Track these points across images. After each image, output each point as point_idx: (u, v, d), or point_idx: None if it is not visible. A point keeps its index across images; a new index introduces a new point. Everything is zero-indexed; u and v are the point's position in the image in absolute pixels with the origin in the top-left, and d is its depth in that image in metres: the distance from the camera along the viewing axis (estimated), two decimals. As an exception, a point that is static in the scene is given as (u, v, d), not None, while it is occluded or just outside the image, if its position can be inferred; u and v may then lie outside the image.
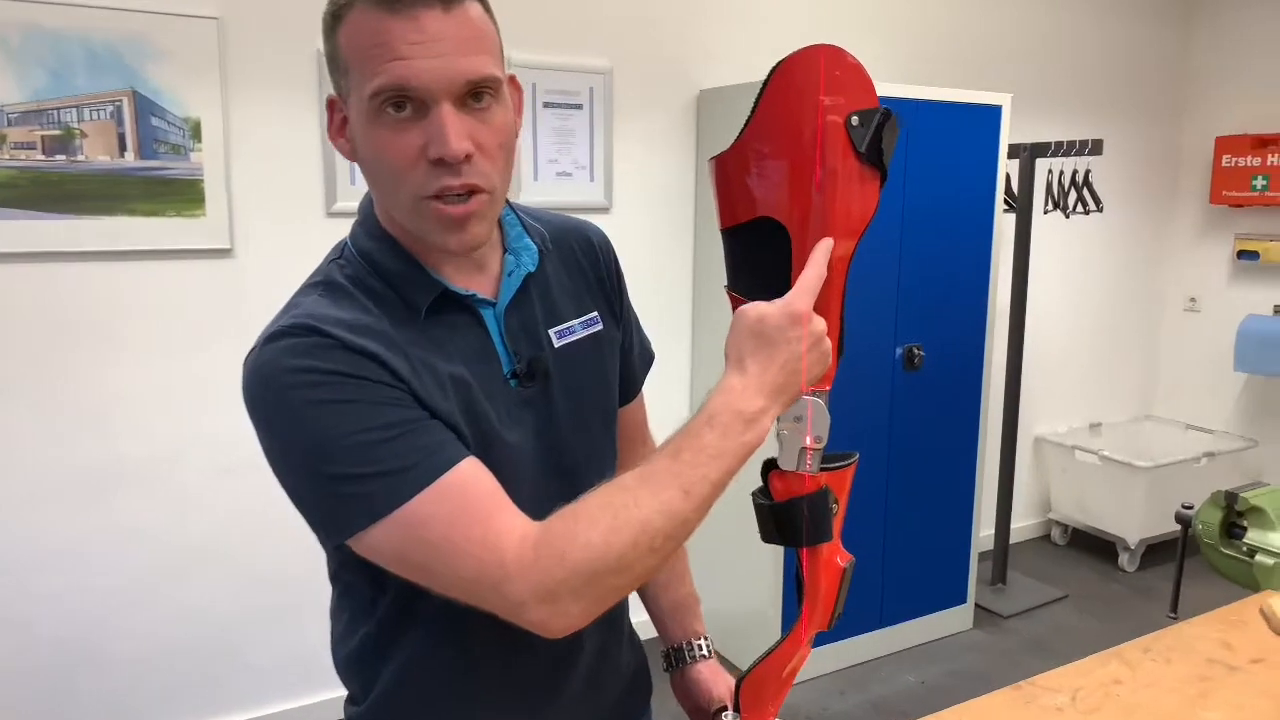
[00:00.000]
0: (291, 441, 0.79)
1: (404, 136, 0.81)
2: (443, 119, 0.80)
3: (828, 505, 0.98)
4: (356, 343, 0.81)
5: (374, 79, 0.79)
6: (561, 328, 1.01)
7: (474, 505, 0.79)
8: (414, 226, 0.87)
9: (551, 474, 0.99)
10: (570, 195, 2.84)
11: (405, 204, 0.84)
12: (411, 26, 0.79)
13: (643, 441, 1.23)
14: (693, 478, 0.80)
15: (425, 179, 0.82)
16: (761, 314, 0.85)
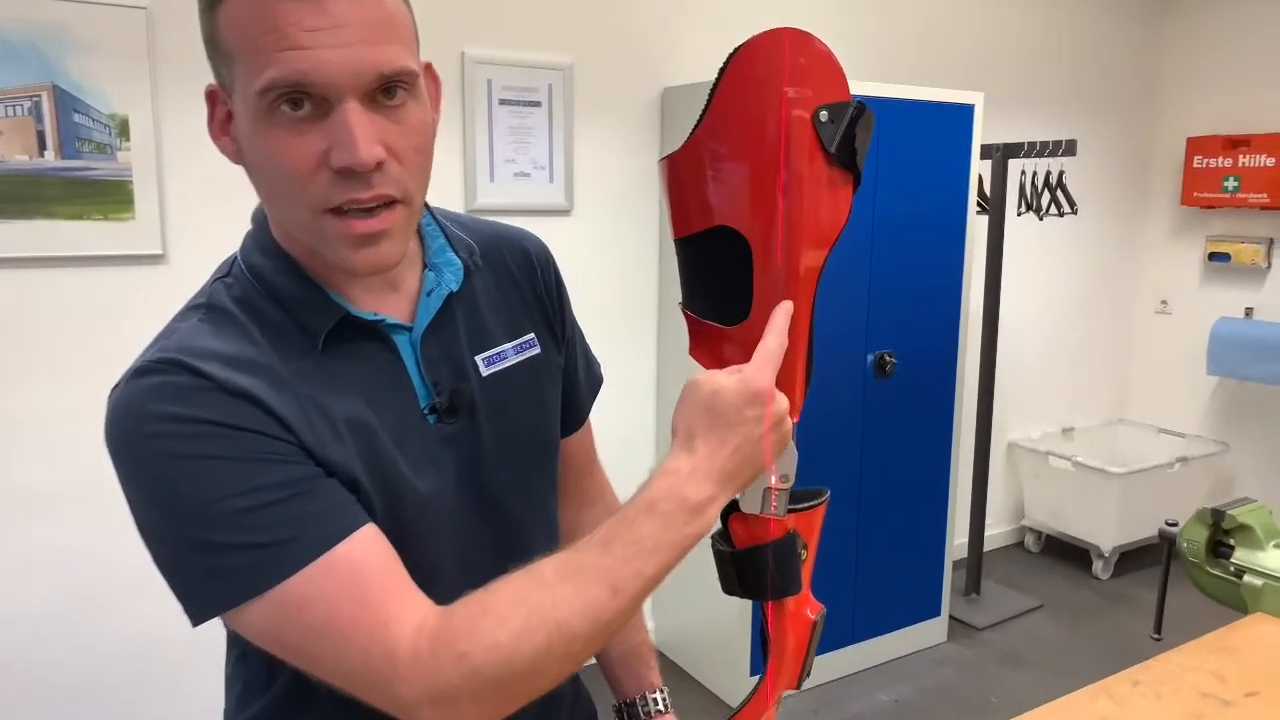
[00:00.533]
0: (154, 500, 0.67)
1: (302, 140, 0.68)
2: (348, 120, 0.68)
3: (795, 552, 0.87)
4: (236, 383, 0.68)
5: (265, 71, 0.66)
6: (491, 353, 0.89)
7: (365, 586, 0.66)
8: (314, 243, 0.74)
9: (480, 520, 0.87)
10: (528, 197, 2.71)
11: (303, 218, 0.72)
12: (311, 8, 0.66)
13: (589, 474, 1.11)
14: (624, 574, 0.69)
15: (328, 190, 0.69)
16: (717, 388, 0.75)
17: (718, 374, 0.76)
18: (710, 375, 0.76)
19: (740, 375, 0.75)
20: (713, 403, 0.74)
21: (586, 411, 1.08)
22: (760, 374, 0.75)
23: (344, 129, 0.68)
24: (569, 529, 1.10)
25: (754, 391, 0.74)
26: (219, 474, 0.65)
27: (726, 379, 0.75)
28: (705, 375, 0.77)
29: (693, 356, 0.89)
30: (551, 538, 0.98)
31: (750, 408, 0.74)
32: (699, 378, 0.77)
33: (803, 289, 0.82)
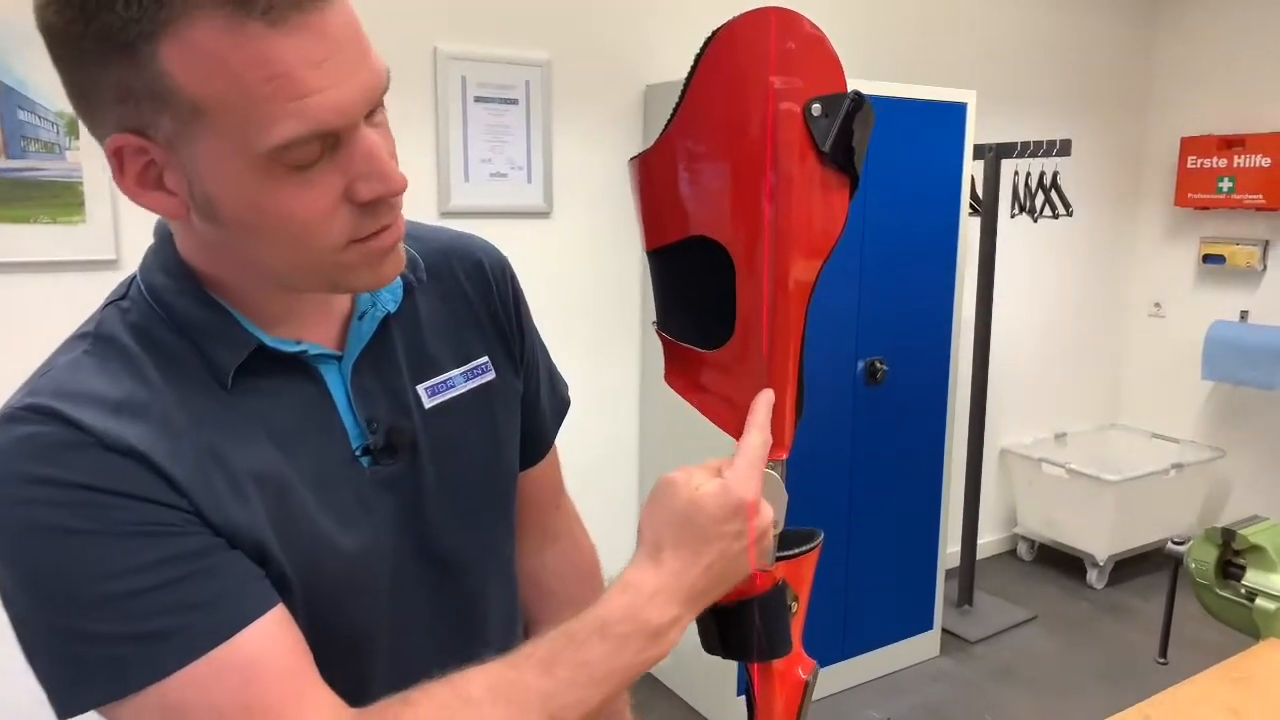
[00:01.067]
0: (16, 577, 0.56)
1: (313, 185, 0.58)
2: (372, 151, 0.59)
3: (785, 606, 0.77)
4: (119, 437, 0.57)
5: (275, 128, 0.54)
6: (435, 381, 0.78)
7: (260, 690, 0.56)
8: (323, 279, 0.64)
9: (424, 573, 0.76)
10: (505, 198, 2.60)
11: (319, 259, 0.62)
12: (313, 39, 0.55)
13: (554, 506, 1.01)
14: (565, 701, 0.60)
15: (355, 224, 0.61)
16: (694, 499, 0.65)
17: (696, 476, 0.67)
18: (687, 478, 0.67)
19: (721, 484, 0.66)
20: (688, 513, 0.65)
21: (551, 439, 0.97)
22: (744, 482, 0.66)
23: (369, 160, 0.60)
24: (531, 571, 0.99)
25: (736, 503, 0.65)
26: (94, 552, 0.54)
27: (706, 485, 0.66)
28: (682, 477, 0.67)
29: (668, 383, 0.79)
30: (507, 589, 0.87)
31: (730, 521, 0.65)
32: (674, 478, 0.67)
33: (793, 307, 0.72)
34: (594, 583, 1.02)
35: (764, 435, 0.69)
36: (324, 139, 0.57)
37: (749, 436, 0.69)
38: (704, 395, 0.76)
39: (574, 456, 3.00)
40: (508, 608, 0.87)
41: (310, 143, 0.56)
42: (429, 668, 0.65)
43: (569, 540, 1.02)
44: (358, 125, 0.58)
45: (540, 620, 1.00)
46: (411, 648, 0.76)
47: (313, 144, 0.56)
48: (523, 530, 0.98)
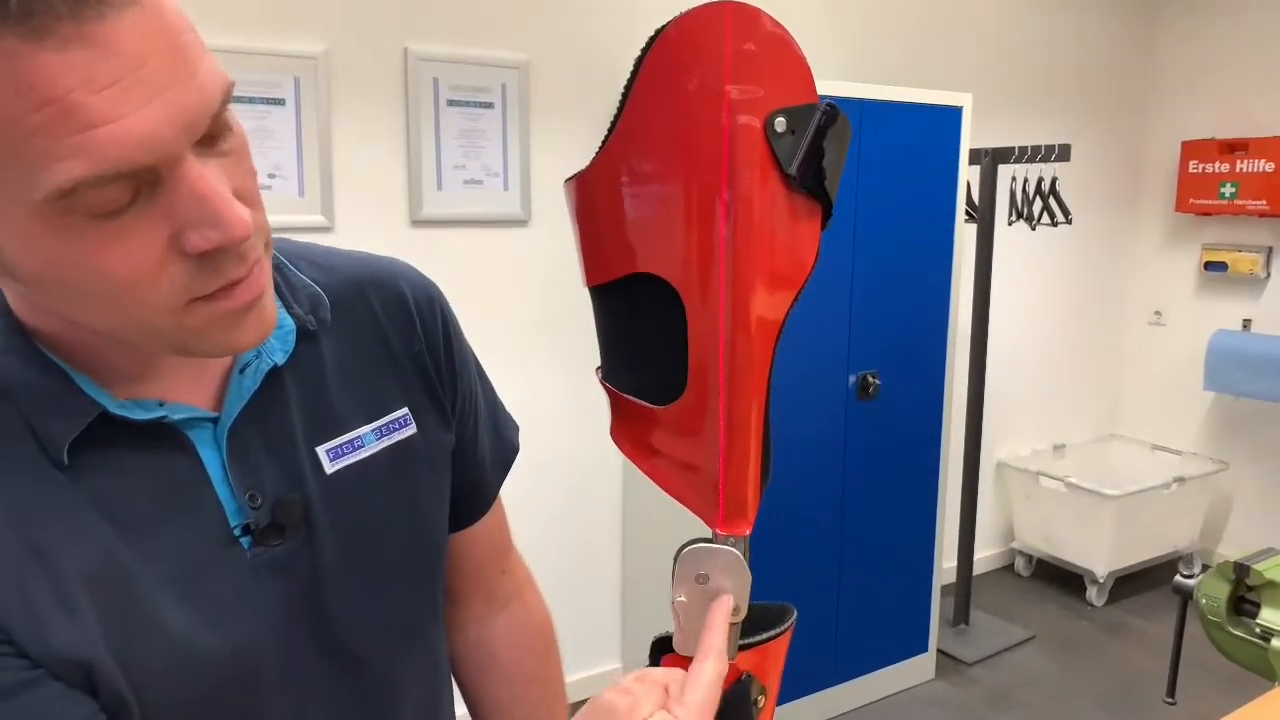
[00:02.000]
0: None
1: (128, 237, 0.47)
2: (200, 190, 0.47)
3: (748, 705, 0.65)
4: None
5: (55, 168, 0.43)
6: (339, 442, 0.67)
7: None
8: (162, 343, 0.52)
9: (321, 668, 0.65)
10: (481, 206, 2.49)
11: (153, 323, 0.50)
12: (97, 56, 0.43)
13: (500, 569, 0.89)
14: None
15: (189, 281, 0.49)
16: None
17: (642, 705, 0.55)
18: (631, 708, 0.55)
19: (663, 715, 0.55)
20: None
21: (493, 493, 0.86)
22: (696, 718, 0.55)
23: (199, 204, 0.47)
24: (476, 641, 0.88)
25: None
26: None
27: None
28: (623, 705, 0.55)
29: (614, 440, 0.68)
30: (429, 673, 0.76)
31: None
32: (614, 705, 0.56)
33: (755, 354, 0.60)
34: (545, 652, 0.91)
35: (720, 664, 0.58)
36: (133, 179, 0.45)
37: (702, 665, 0.58)
38: (654, 459, 0.65)
39: (555, 478, 2.90)
40: (429, 693, 0.75)
41: (109, 184, 0.44)
42: None
43: (519, 606, 0.90)
44: (181, 159, 0.46)
45: (487, 692, 0.89)
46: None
47: (115, 186, 0.44)
48: (465, 596, 0.87)
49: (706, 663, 0.58)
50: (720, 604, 0.62)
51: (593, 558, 2.88)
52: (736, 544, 0.63)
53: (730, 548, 0.63)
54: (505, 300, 2.56)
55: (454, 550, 0.83)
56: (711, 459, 0.62)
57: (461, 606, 0.88)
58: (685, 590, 0.64)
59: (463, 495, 0.80)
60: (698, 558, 0.63)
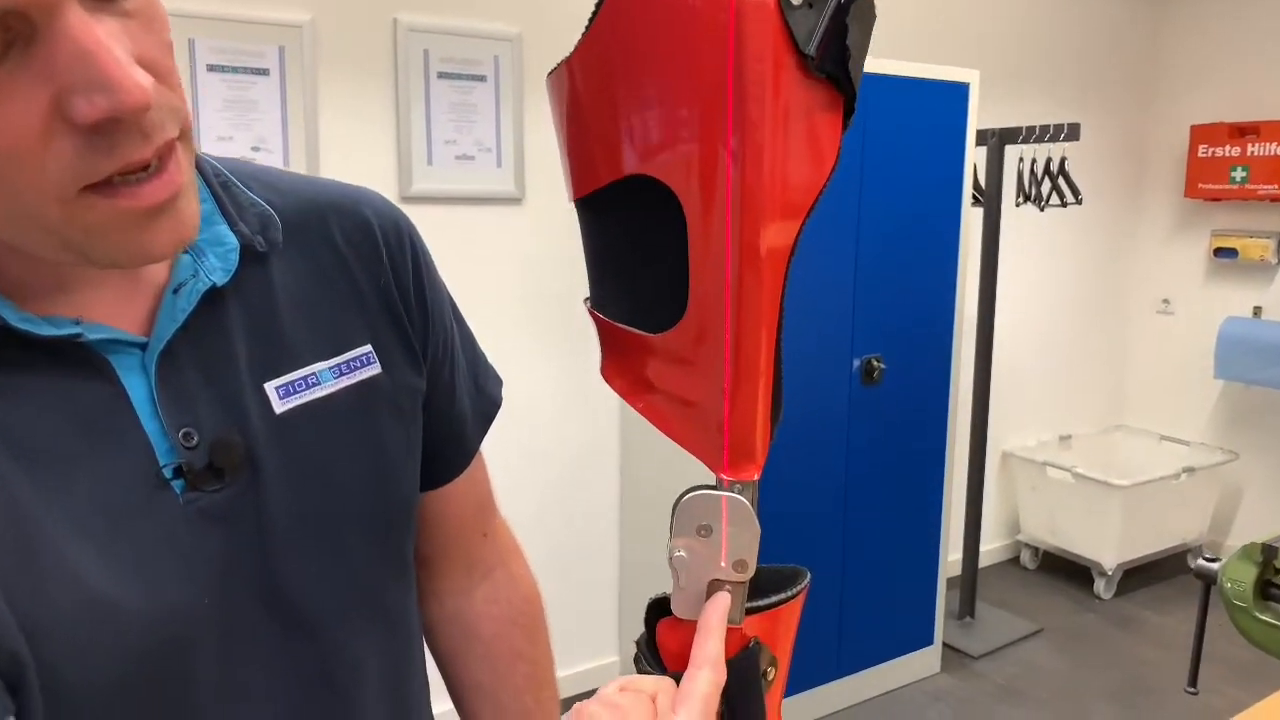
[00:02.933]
0: None
1: (2, 101, 0.40)
2: (82, 45, 0.40)
3: (757, 675, 0.58)
4: None
5: None
6: (292, 378, 0.59)
7: None
8: (57, 243, 0.44)
9: (267, 632, 0.57)
10: (473, 183, 2.41)
11: (42, 215, 0.42)
12: None
13: (482, 533, 0.81)
14: None
15: (79, 161, 0.41)
16: None
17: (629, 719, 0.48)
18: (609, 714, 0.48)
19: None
20: None
21: (472, 449, 0.78)
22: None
23: (81, 60, 0.40)
24: (455, 614, 0.80)
25: None
26: None
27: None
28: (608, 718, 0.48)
29: (606, 380, 0.60)
30: (395, 645, 0.68)
31: None
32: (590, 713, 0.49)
33: (765, 276, 0.53)
34: (532, 629, 0.83)
35: (717, 674, 0.51)
36: (2, 27, 0.38)
37: (696, 677, 0.51)
38: (650, 396, 0.57)
39: (549, 464, 2.82)
40: (395, 669, 0.67)
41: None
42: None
43: (503, 576, 0.82)
44: (59, 6, 0.39)
45: (467, 673, 0.81)
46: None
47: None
48: (442, 564, 0.79)
49: (701, 674, 0.51)
50: (716, 603, 0.55)
51: (589, 548, 2.80)
52: (744, 490, 0.55)
53: (736, 495, 0.55)
54: (498, 280, 2.48)
55: (429, 512, 0.75)
56: (715, 393, 0.54)
57: (438, 576, 0.80)
58: (685, 544, 0.56)
59: (438, 450, 0.73)
60: (699, 506, 0.55)
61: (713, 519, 0.55)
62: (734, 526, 0.55)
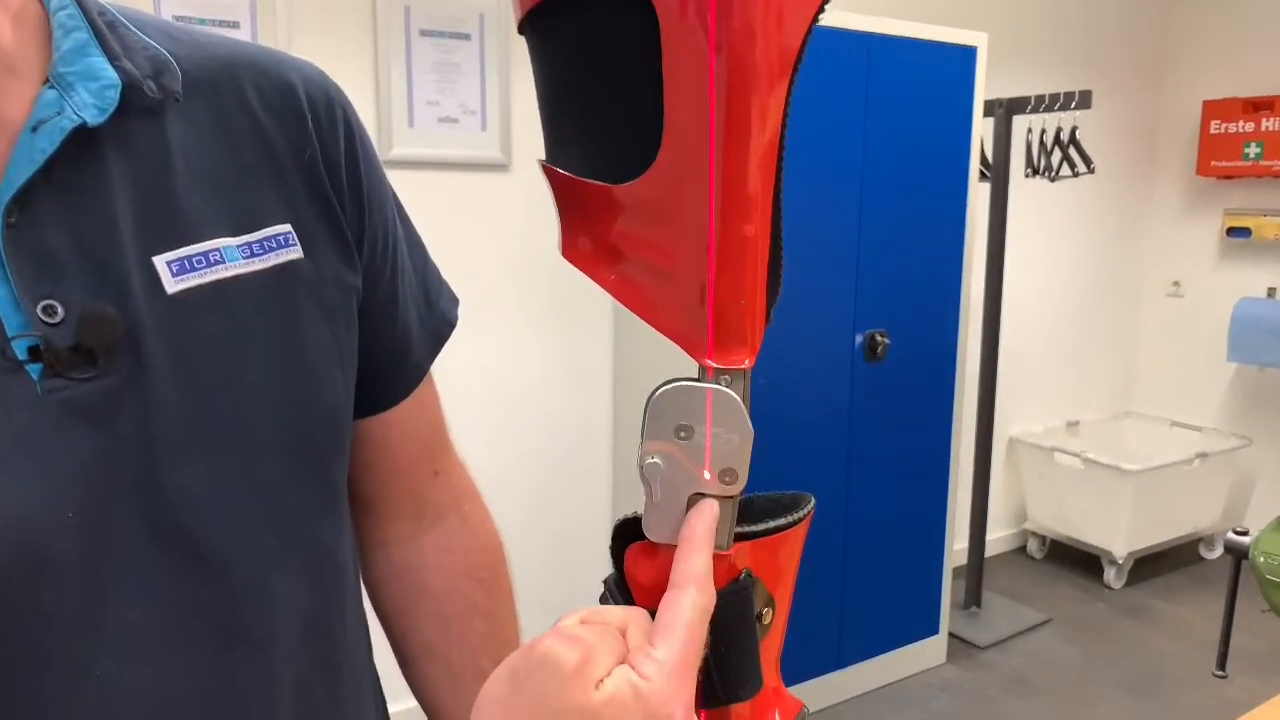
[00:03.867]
0: None
1: None
2: None
3: (750, 614, 0.46)
4: None
5: None
6: (189, 252, 0.49)
7: None
8: None
9: (150, 560, 0.46)
10: (456, 147, 2.29)
11: None
12: None
13: (432, 471, 0.70)
14: None
15: None
16: (589, 709, 0.36)
17: (596, 660, 0.37)
18: (581, 665, 0.37)
19: (632, 688, 0.37)
20: None
21: (420, 370, 0.66)
22: (669, 683, 0.38)
23: None
24: (402, 564, 0.69)
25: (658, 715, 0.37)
26: None
27: (611, 685, 0.37)
28: (571, 658, 0.37)
29: (567, 257, 0.49)
30: (326, 606, 0.57)
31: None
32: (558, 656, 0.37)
33: (762, 93, 0.41)
34: (491, 581, 0.72)
35: (703, 595, 0.40)
36: None
37: (678, 600, 0.40)
38: (619, 265, 0.46)
39: (537, 446, 2.70)
40: (320, 619, 0.56)
41: None
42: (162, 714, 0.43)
43: (456, 522, 0.71)
44: None
45: (416, 632, 0.70)
46: (126, 684, 0.46)
47: None
48: (386, 507, 0.68)
49: (684, 596, 0.40)
50: (701, 512, 0.43)
51: (581, 535, 2.68)
52: (733, 382, 0.44)
53: (723, 388, 0.44)
54: (484, 252, 2.37)
55: (370, 442, 0.64)
56: (697, 254, 0.43)
57: (383, 521, 0.69)
58: (660, 448, 0.45)
59: (379, 367, 0.62)
60: (677, 402, 0.44)
61: (694, 418, 0.44)
62: (720, 427, 0.44)
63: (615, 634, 0.39)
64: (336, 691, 0.57)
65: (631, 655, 0.38)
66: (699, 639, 0.40)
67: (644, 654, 0.38)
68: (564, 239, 0.48)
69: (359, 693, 0.61)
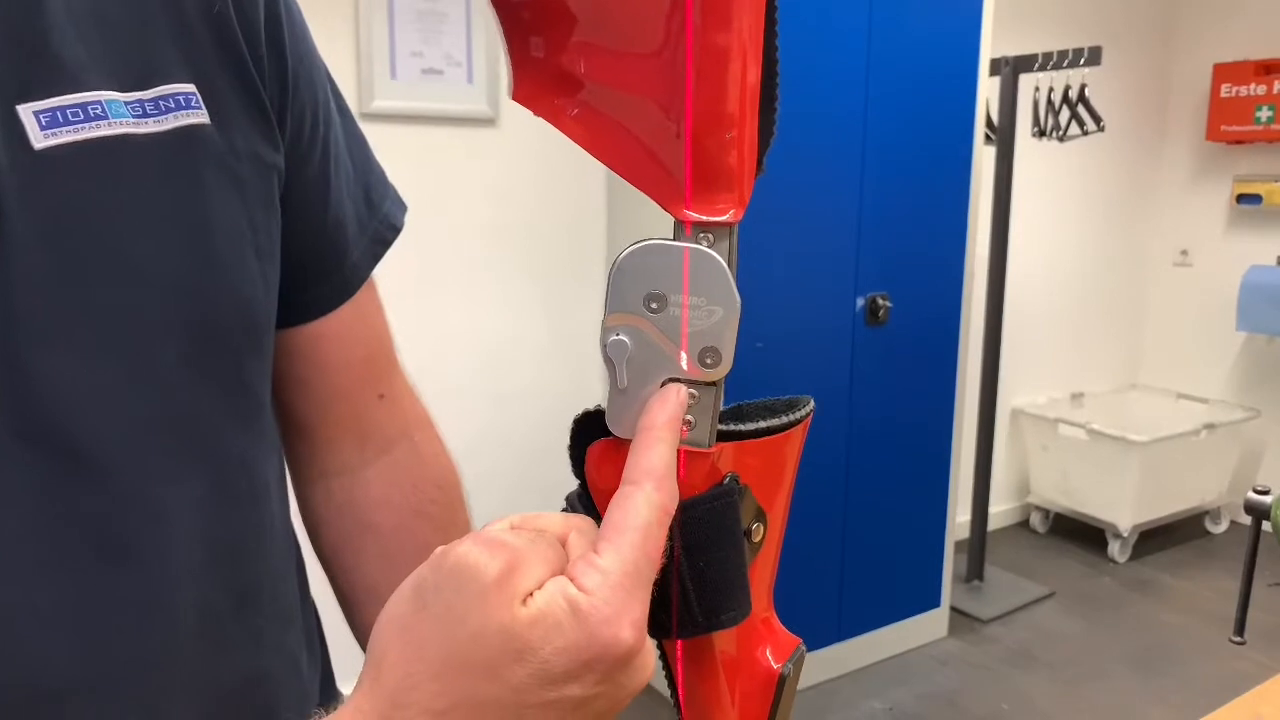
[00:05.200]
0: None
1: None
2: None
3: (735, 526, 0.38)
4: None
5: None
6: (62, 103, 0.41)
7: None
8: None
9: (13, 461, 0.39)
10: (441, 100, 2.20)
11: None
12: None
13: (374, 394, 0.61)
14: None
15: None
16: (512, 631, 0.29)
17: (524, 571, 0.30)
18: (504, 579, 0.30)
19: (569, 607, 0.30)
20: (492, 661, 0.29)
21: (357, 274, 0.58)
22: (615, 592, 0.30)
23: None
24: (340, 499, 0.61)
25: (597, 652, 0.30)
26: None
27: (540, 601, 0.30)
28: (493, 569, 0.30)
29: (517, 99, 0.41)
30: (237, 527, 0.49)
31: (578, 680, 0.30)
32: (477, 566, 0.30)
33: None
34: (447, 519, 0.64)
35: (662, 491, 0.32)
36: None
37: (630, 494, 0.32)
38: (579, 96, 0.38)
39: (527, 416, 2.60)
40: (230, 540, 0.49)
41: None
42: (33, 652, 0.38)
43: (406, 451, 0.63)
44: None
45: (360, 574, 0.62)
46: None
47: None
48: (326, 433, 0.60)
49: (638, 494, 0.32)
50: (665, 398, 0.35)
51: (573, 504, 2.60)
52: (716, 241, 0.36)
53: (704, 247, 0.35)
54: (468, 210, 2.28)
55: (301, 355, 0.56)
56: (671, 79, 0.34)
57: (321, 447, 0.60)
58: (626, 322, 0.36)
59: (309, 268, 0.54)
60: (648, 265, 0.36)
61: (668, 285, 0.36)
62: (699, 296, 0.36)
63: (551, 541, 0.32)
64: (252, 623, 0.50)
65: (571, 565, 0.30)
66: (655, 546, 0.32)
67: (586, 562, 0.30)
68: (514, 76, 0.40)
69: (282, 628, 0.53)
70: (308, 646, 0.57)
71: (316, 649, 0.61)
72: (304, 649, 0.56)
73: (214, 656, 0.47)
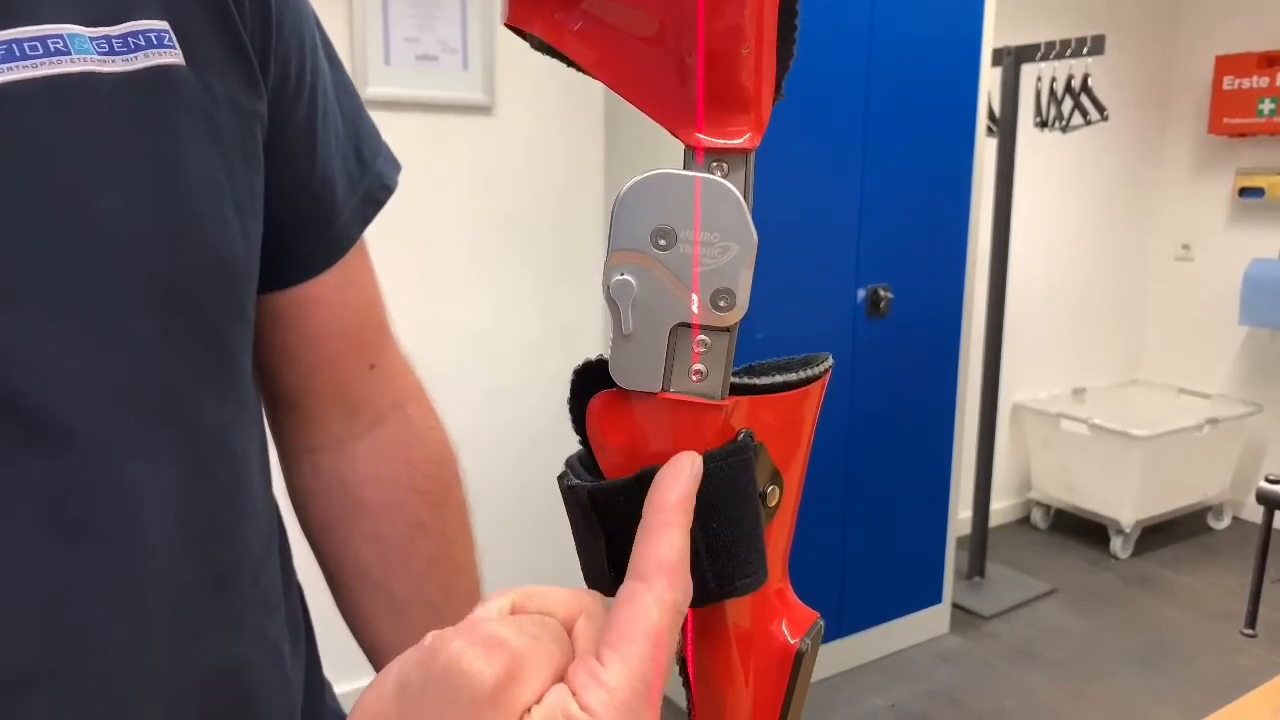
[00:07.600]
0: None
1: None
2: None
3: (750, 486, 0.34)
4: None
5: None
6: (18, 34, 0.37)
7: None
8: None
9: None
10: (436, 87, 2.16)
11: None
12: None
13: (364, 364, 0.58)
14: None
15: None
16: None
17: (525, 680, 0.26)
18: (495, 696, 0.25)
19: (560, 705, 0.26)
20: None
21: (346, 235, 0.55)
22: (621, 716, 0.26)
23: None
24: (328, 475, 0.57)
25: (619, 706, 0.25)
26: None
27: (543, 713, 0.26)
28: (489, 676, 0.25)
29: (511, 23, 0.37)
30: (213, 501, 0.46)
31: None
32: (470, 672, 0.25)
33: None
34: (441, 496, 0.61)
35: (675, 589, 0.29)
36: None
37: (640, 593, 0.28)
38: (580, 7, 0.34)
39: (523, 410, 2.57)
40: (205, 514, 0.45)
41: None
42: None
43: (398, 425, 0.60)
44: None
45: (349, 554, 0.59)
46: None
47: None
48: (314, 405, 0.57)
49: (648, 594, 0.28)
50: (679, 467, 0.31)
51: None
52: (731, 170, 0.32)
53: (717, 176, 0.32)
54: (464, 199, 2.25)
55: (287, 321, 0.53)
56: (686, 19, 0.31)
57: (308, 420, 0.57)
58: (632, 260, 0.33)
59: (294, 226, 0.50)
60: (655, 197, 0.33)
61: (677, 219, 0.32)
62: (712, 231, 0.32)
63: (556, 633, 0.28)
64: (230, 608, 0.46)
65: (573, 671, 0.27)
66: (666, 654, 0.28)
67: (589, 674, 0.26)
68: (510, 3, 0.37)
69: (263, 613, 0.49)
70: (291, 634, 0.54)
71: (301, 636, 0.58)
72: (286, 637, 0.52)
73: (187, 644, 0.44)
